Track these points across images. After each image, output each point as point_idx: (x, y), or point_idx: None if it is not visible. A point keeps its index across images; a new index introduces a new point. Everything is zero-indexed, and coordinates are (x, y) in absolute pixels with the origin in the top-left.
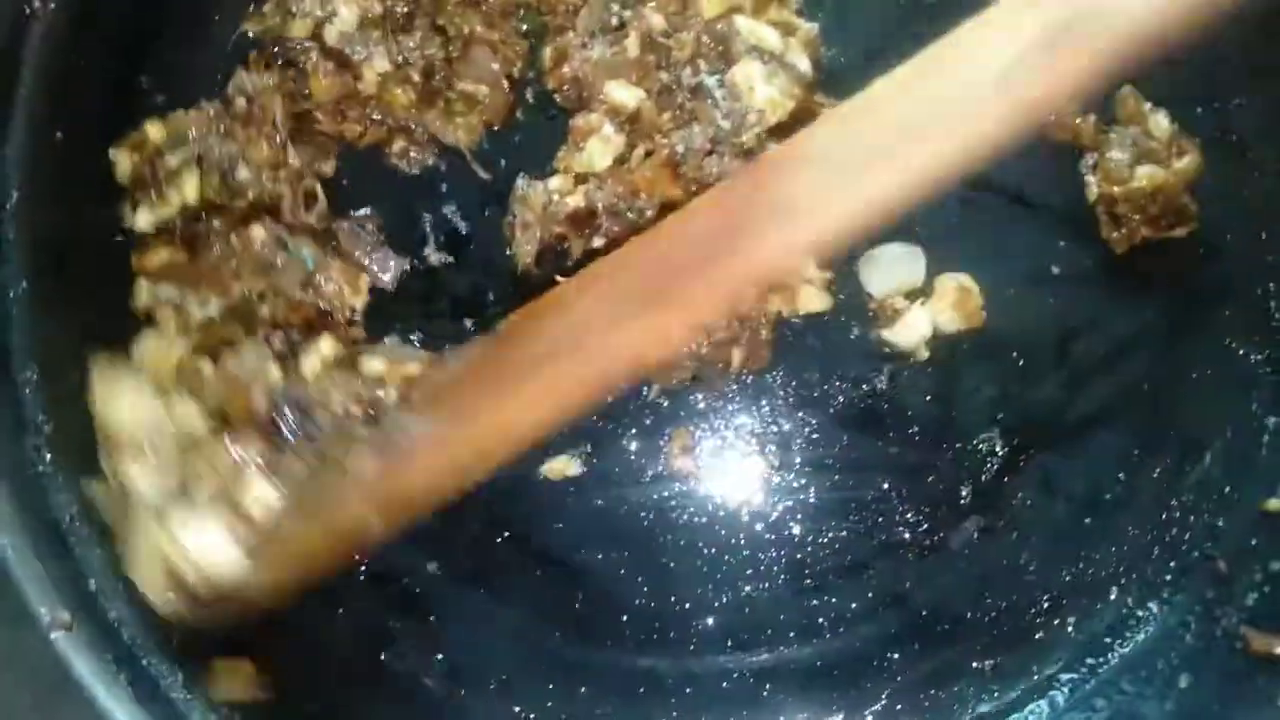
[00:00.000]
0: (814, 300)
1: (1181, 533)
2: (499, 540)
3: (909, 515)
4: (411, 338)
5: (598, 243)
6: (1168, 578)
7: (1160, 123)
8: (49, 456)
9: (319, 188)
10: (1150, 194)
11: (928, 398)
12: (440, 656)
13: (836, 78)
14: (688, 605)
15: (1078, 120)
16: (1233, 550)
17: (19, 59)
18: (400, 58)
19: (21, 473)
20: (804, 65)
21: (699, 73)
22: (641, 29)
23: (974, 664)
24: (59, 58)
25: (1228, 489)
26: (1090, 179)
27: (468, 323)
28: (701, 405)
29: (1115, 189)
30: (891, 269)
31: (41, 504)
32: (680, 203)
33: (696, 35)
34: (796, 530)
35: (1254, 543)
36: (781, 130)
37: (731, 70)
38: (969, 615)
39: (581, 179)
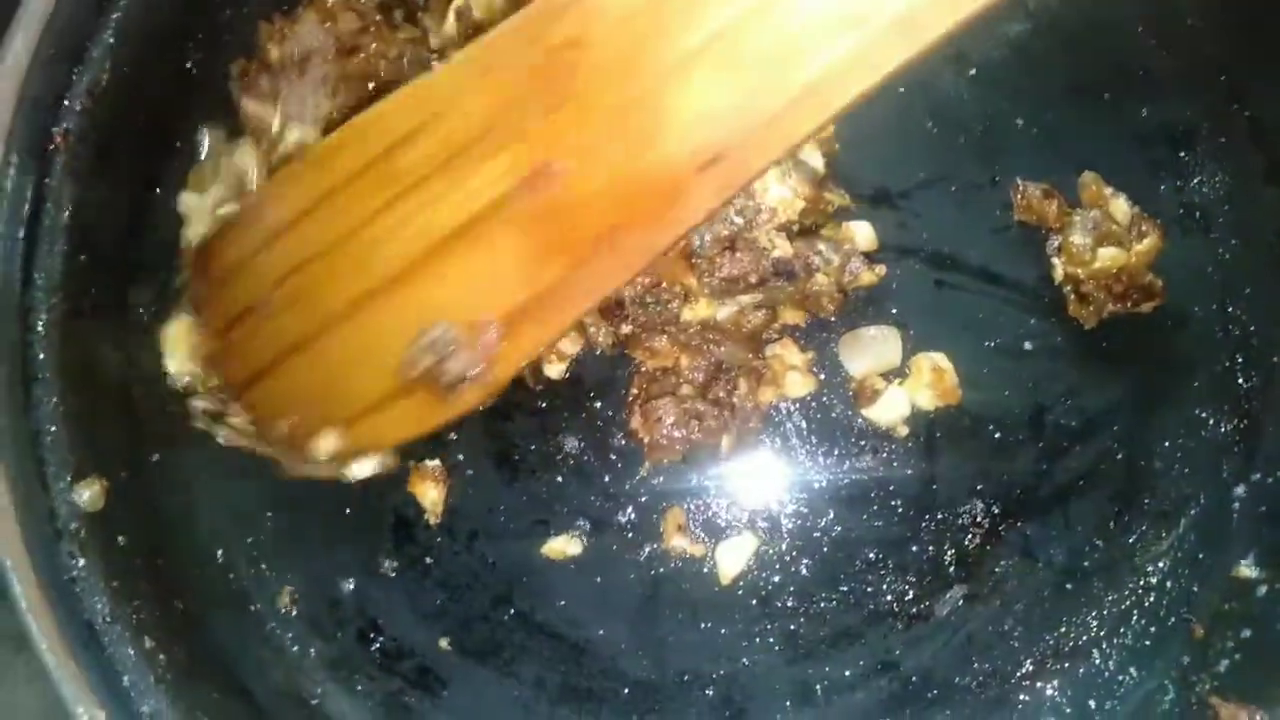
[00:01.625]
0: (799, 385)
1: (1159, 599)
2: (505, 617)
3: (896, 585)
4: None
5: (626, 329)
6: (1147, 643)
7: (1121, 206)
8: (82, 562)
9: None
10: (1114, 274)
11: (910, 472)
12: None
13: (846, 172)
14: (686, 677)
15: (1043, 202)
16: (1207, 616)
17: (44, 188)
18: None
19: (57, 578)
20: (816, 162)
21: None
22: None
23: None
24: (82, 185)
25: (1201, 555)
26: (1056, 260)
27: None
28: (694, 483)
29: (1080, 270)
30: (869, 350)
31: (76, 606)
32: (694, 292)
33: None
34: (789, 602)
35: (1227, 609)
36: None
37: None
38: (956, 680)
39: None
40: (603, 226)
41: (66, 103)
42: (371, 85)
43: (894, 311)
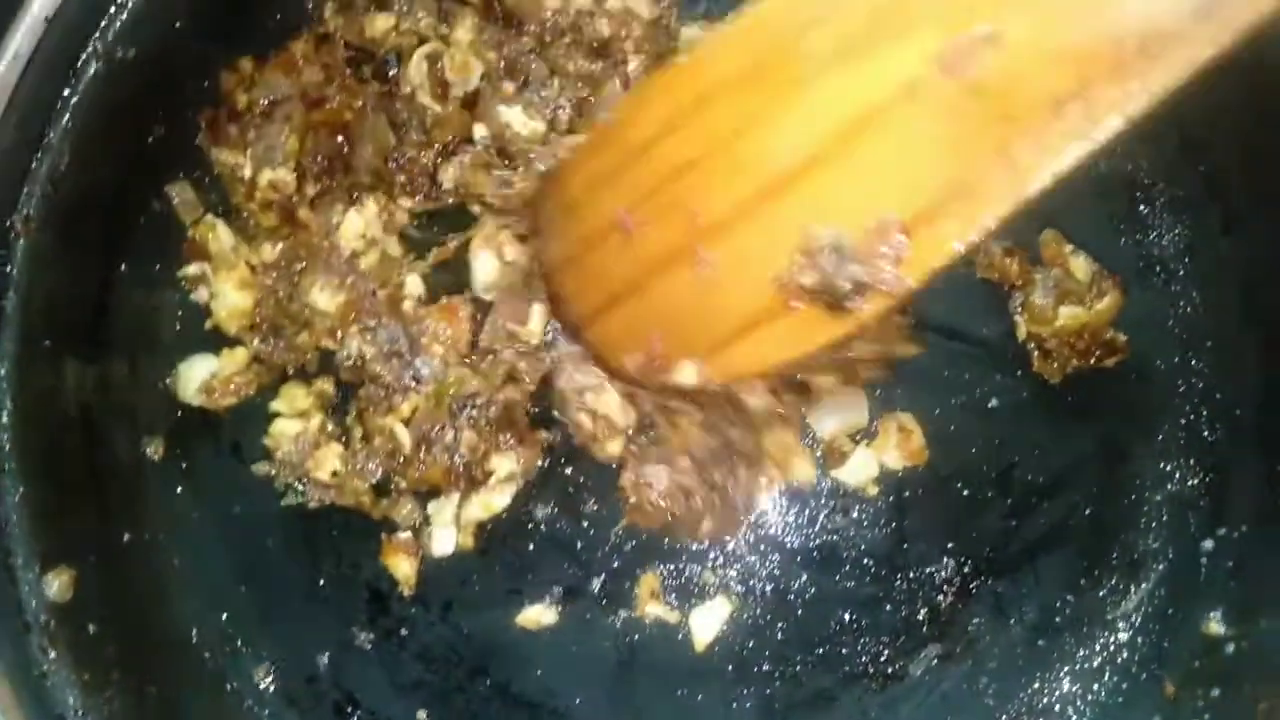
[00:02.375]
0: (804, 470)
1: (1131, 655)
2: (482, 688)
3: (871, 646)
4: None
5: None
6: (1119, 700)
7: (1081, 264)
8: (53, 654)
9: None
10: (1077, 331)
11: (881, 532)
12: None
13: None
14: None
15: (1005, 259)
16: (1178, 674)
17: (5, 276)
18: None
19: (28, 674)
20: None
21: None
22: None
23: None
24: (45, 270)
25: (1171, 610)
26: (1019, 318)
27: None
28: (667, 548)
29: (1042, 329)
30: (837, 412)
31: (47, 701)
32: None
33: None
34: (765, 666)
35: (1197, 666)
36: None
37: None
38: None
39: None
40: (1042, 97)
41: (26, 189)
42: (340, 137)
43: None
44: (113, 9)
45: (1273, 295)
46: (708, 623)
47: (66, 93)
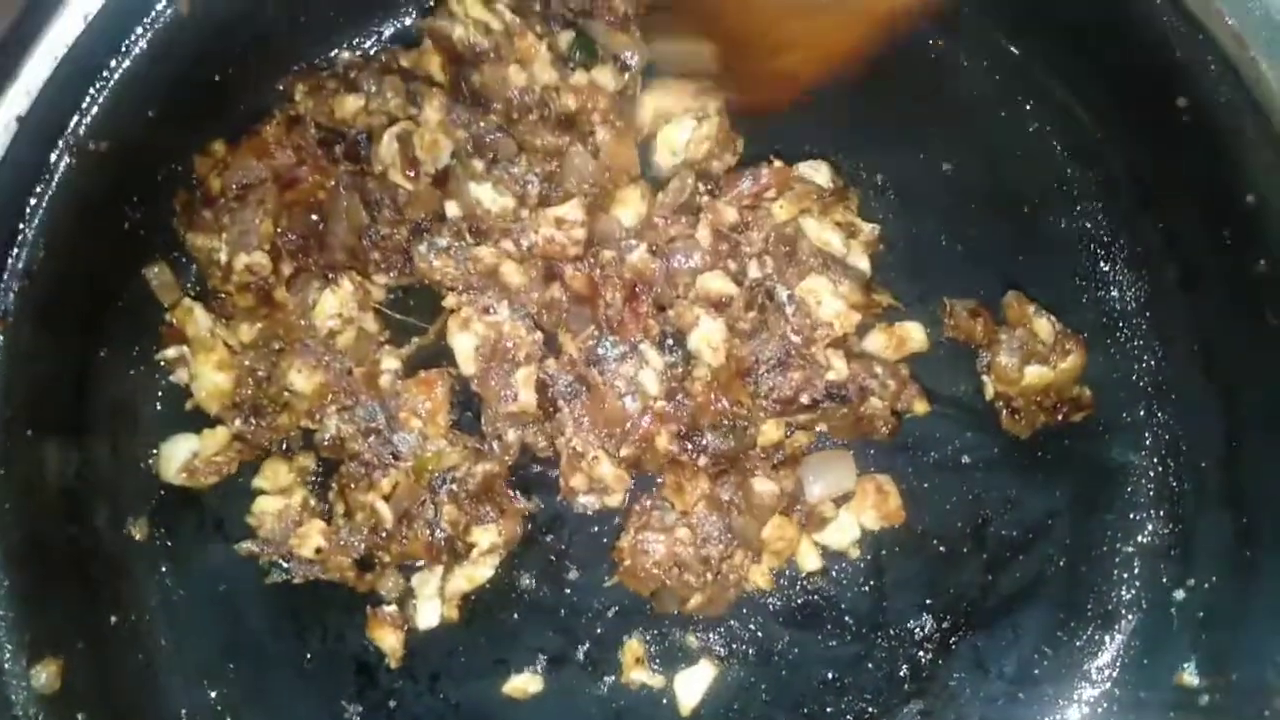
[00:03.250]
0: (811, 561)
1: (1109, 705)
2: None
3: (854, 704)
4: None
5: (703, 461)
6: None
7: (1044, 325)
8: None
9: None
10: (1042, 390)
11: (860, 590)
12: None
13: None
14: None
15: (971, 321)
16: None
17: None
18: None
19: None
20: (864, 265)
21: (765, 267)
22: (714, 221)
23: None
24: (23, 363)
25: (1146, 661)
26: (986, 378)
27: None
28: (650, 614)
29: (1009, 389)
30: (825, 478)
31: None
32: (751, 412)
33: (766, 235)
34: None
35: (1173, 716)
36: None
37: (799, 285)
38: None
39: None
40: None
41: (2, 284)
42: (314, 216)
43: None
44: (85, 102)
45: (1231, 348)
46: (692, 687)
47: (39, 189)
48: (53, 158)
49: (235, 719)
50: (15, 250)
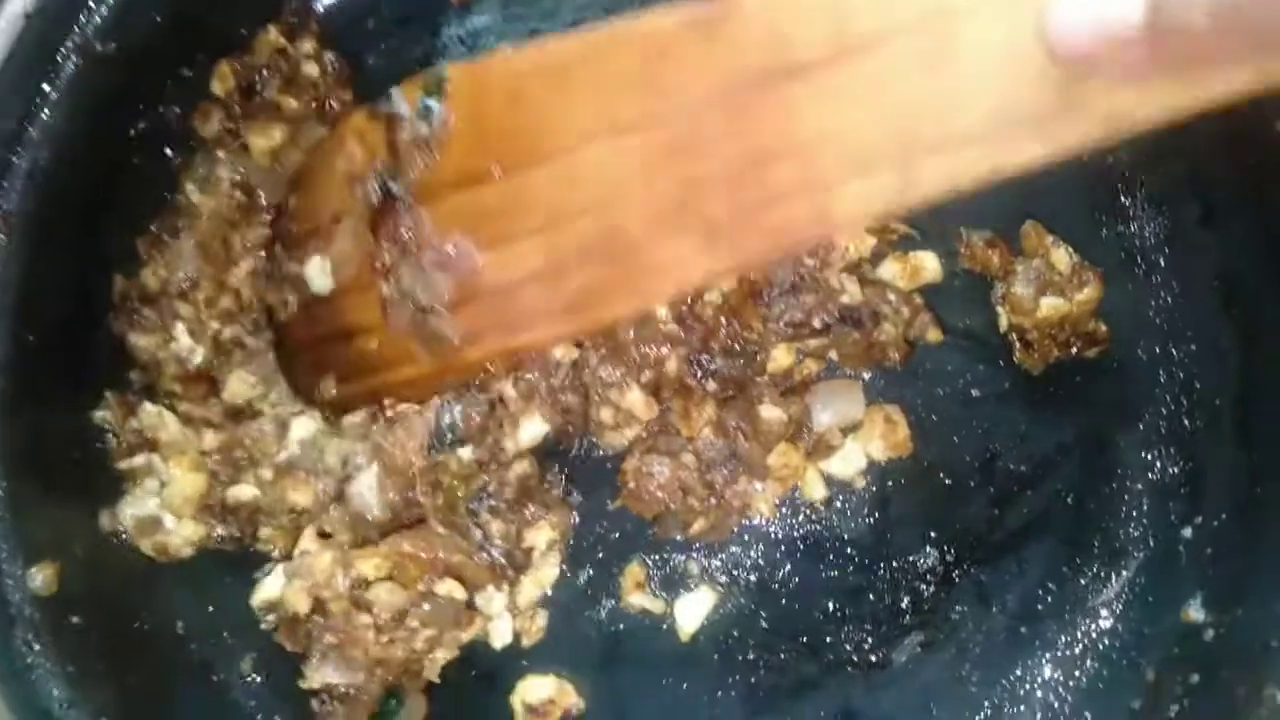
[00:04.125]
0: (816, 490)
1: (1111, 642)
2: (467, 678)
3: (854, 634)
4: None
5: (711, 385)
6: (1100, 686)
7: (1062, 256)
8: (37, 647)
9: None
10: (1058, 322)
11: (864, 522)
12: None
13: None
14: None
15: (987, 251)
16: (1158, 660)
17: None
18: None
19: (13, 665)
20: None
21: None
22: None
23: None
24: (26, 268)
25: (1151, 598)
26: (1001, 309)
27: None
28: (652, 539)
29: (1024, 320)
30: (833, 406)
31: (32, 693)
32: (764, 337)
33: None
34: (749, 655)
35: (1176, 652)
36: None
37: None
38: None
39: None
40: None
41: (5, 183)
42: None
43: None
44: (93, 1)
45: (1251, 287)
46: (692, 613)
47: (46, 88)
48: (59, 57)
49: (231, 634)
50: (20, 149)
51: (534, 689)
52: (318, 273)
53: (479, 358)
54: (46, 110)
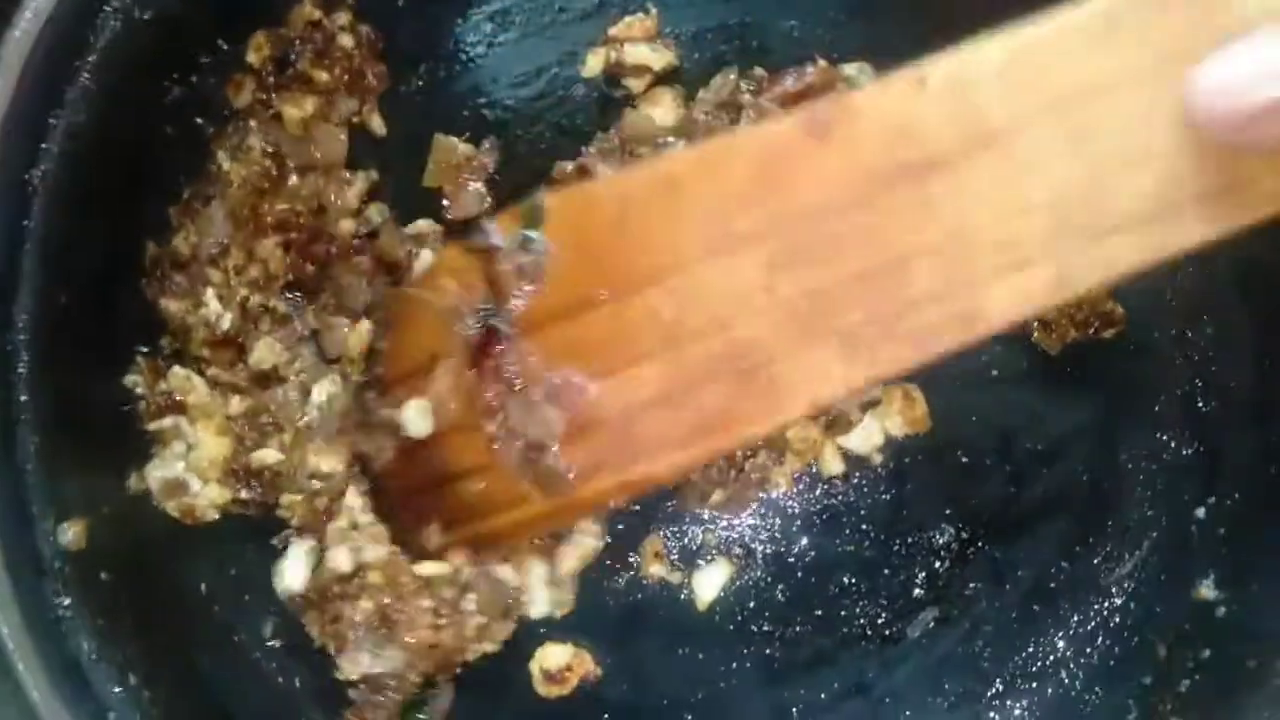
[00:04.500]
0: (834, 465)
1: (1123, 619)
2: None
3: (869, 608)
4: None
5: None
6: (1111, 663)
7: None
8: (67, 600)
9: None
10: (1075, 303)
11: (881, 498)
12: None
13: None
14: (665, 701)
15: None
16: (1170, 637)
17: (23, 233)
18: None
19: (42, 616)
20: None
21: None
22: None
23: None
24: (60, 227)
25: (1163, 576)
26: None
27: None
28: (671, 512)
29: None
30: None
31: (62, 645)
32: None
33: None
34: (765, 626)
35: (1188, 629)
36: None
37: None
38: (928, 701)
39: None
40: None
41: (44, 145)
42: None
43: None
44: None
45: (1268, 270)
46: (709, 585)
47: (84, 52)
48: (99, 21)
49: (252, 598)
50: (58, 112)
51: (552, 656)
52: (417, 416)
53: (596, 494)
54: (85, 74)
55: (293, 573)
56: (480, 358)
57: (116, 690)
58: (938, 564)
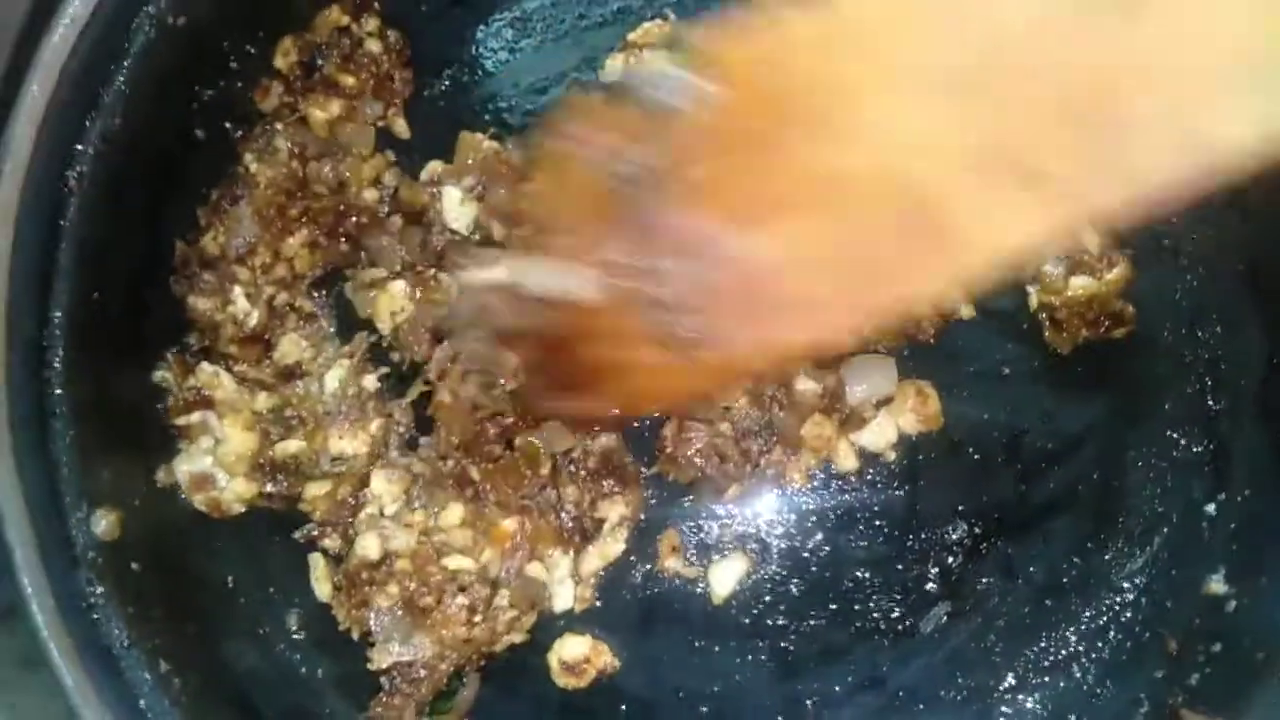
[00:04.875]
0: (848, 461)
1: (1134, 614)
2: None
3: (883, 603)
4: None
5: None
6: (1123, 657)
7: (1090, 238)
8: (100, 589)
9: None
10: (1086, 302)
11: (895, 494)
12: None
13: None
14: (681, 694)
15: None
16: (1181, 631)
17: (59, 232)
18: None
19: (75, 604)
20: None
21: None
22: None
23: None
24: (95, 227)
25: (1174, 572)
26: (1030, 289)
27: None
28: (688, 507)
29: (1054, 298)
30: (867, 380)
31: (94, 632)
32: None
33: None
34: (779, 620)
35: (1198, 623)
36: None
37: None
38: (941, 695)
39: None
40: None
41: (80, 146)
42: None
43: (879, 341)
44: None
45: (1276, 269)
46: (725, 579)
47: (120, 58)
48: (134, 25)
49: (277, 590)
50: (94, 114)
51: (570, 648)
52: (583, 283)
53: (749, 364)
54: (120, 79)
55: (319, 588)
56: (624, 216)
57: (147, 677)
58: (951, 559)
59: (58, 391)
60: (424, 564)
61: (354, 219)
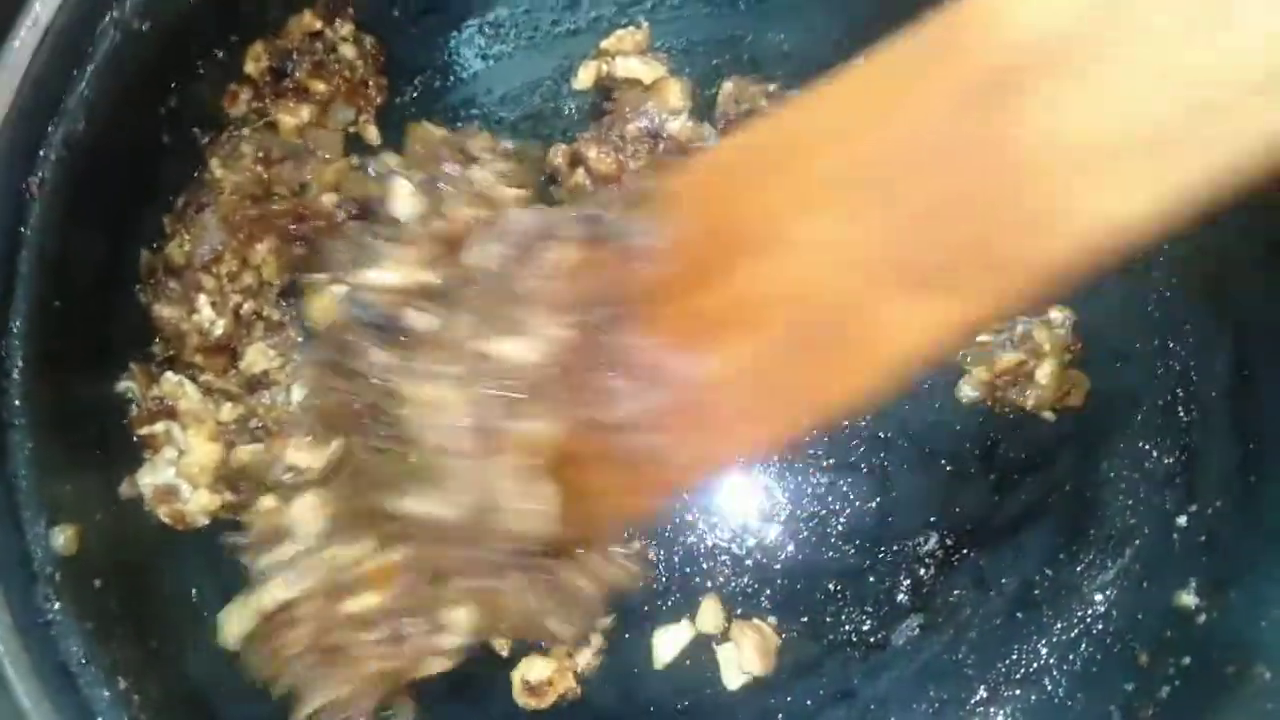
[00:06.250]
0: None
1: (1106, 627)
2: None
3: (854, 615)
4: None
5: None
6: (1094, 670)
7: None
8: (58, 605)
9: None
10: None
11: (866, 506)
12: None
13: None
14: (652, 708)
15: None
16: (1151, 644)
17: (20, 239)
18: None
19: (33, 621)
20: None
21: None
22: None
23: None
24: (56, 233)
25: (1145, 584)
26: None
27: None
28: (656, 520)
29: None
30: None
31: (52, 649)
32: None
33: None
34: None
35: (1169, 636)
36: None
37: None
38: (913, 708)
39: None
40: None
41: (42, 152)
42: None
43: None
44: None
45: (1244, 285)
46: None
47: (83, 61)
48: (98, 30)
49: None
50: (56, 119)
51: (536, 669)
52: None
53: (687, 469)
54: (84, 83)
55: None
56: (584, 350)
57: (105, 694)
58: (922, 571)
59: (16, 403)
60: (331, 603)
61: (312, 223)
